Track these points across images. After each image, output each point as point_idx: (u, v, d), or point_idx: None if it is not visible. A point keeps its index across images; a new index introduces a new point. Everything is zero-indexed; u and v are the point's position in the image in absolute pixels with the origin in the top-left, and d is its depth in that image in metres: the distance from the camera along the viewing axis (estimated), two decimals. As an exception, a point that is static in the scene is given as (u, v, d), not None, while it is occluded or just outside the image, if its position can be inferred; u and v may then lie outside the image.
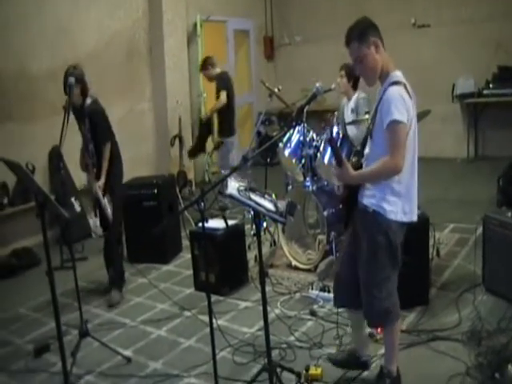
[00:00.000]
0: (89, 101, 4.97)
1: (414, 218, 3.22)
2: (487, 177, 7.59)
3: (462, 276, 5.01)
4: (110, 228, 5.20)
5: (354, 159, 3.33)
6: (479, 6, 9.67)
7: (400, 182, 3.08)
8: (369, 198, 3.15)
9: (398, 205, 3.11)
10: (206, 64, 7.94)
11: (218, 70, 7.95)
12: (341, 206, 3.40)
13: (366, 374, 3.63)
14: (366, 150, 3.26)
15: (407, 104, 2.98)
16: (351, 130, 5.63)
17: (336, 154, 3.10)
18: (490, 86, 9.47)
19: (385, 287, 3.21)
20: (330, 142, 3.08)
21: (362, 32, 3.06)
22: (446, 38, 9.99)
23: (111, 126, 5.15)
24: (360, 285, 3.28)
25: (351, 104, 5.83)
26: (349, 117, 5.88)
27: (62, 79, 4.79)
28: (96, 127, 4.97)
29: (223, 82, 7.83)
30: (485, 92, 9.50)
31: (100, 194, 4.95)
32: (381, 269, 3.19)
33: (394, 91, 2.98)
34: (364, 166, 3.25)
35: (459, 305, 4.45)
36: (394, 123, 2.93)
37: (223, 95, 7.72)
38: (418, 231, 4.29)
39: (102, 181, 4.98)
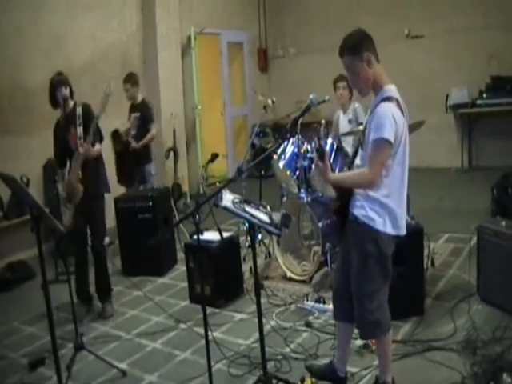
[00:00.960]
0: (78, 103, 4.99)
1: (402, 232, 3.23)
2: (481, 187, 7.60)
3: (456, 286, 5.02)
4: (95, 234, 5.14)
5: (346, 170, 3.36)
6: (472, 17, 9.73)
7: (389, 196, 3.11)
8: (359, 209, 3.17)
9: (387, 218, 3.12)
10: (135, 79, 7.21)
11: (140, 96, 7.28)
12: (333, 216, 3.41)
13: (361, 384, 3.64)
14: (357, 161, 3.28)
15: (398, 123, 2.98)
16: (347, 141, 5.65)
17: (320, 148, 3.12)
18: (484, 96, 9.49)
19: (376, 299, 3.22)
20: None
21: (355, 45, 3.06)
22: (440, 48, 10.05)
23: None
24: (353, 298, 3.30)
25: (349, 115, 5.82)
26: (345, 128, 5.88)
27: (49, 89, 4.89)
28: (90, 127, 4.82)
29: (151, 113, 7.23)
30: (478, 102, 9.51)
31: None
32: (372, 279, 3.20)
33: (386, 109, 2.99)
34: None
35: (454, 314, 4.45)
36: (381, 140, 2.95)
37: (155, 129, 7.21)
38: (412, 241, 4.31)
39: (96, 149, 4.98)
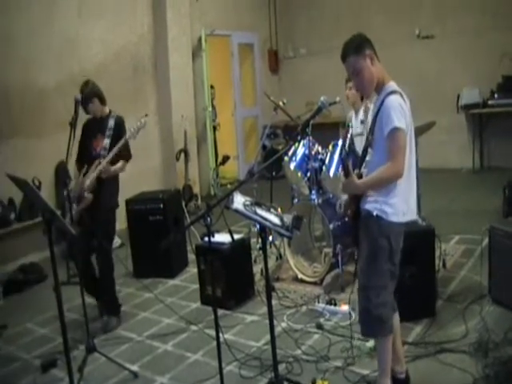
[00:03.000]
0: (113, 113, 5.00)
1: (414, 217, 3.34)
2: (493, 187, 7.57)
3: (468, 287, 4.99)
4: (100, 242, 4.85)
5: (357, 170, 3.37)
6: (483, 17, 9.68)
7: (399, 183, 3.15)
8: (371, 203, 3.21)
9: (398, 206, 3.17)
10: None
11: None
12: (351, 221, 3.42)
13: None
14: (367, 159, 3.32)
15: (405, 112, 3.10)
16: (359, 141, 5.62)
17: (345, 165, 3.18)
18: (495, 96, 9.44)
19: (382, 294, 3.23)
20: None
21: (357, 46, 3.16)
22: (451, 48, 10.02)
23: None
24: (358, 290, 3.34)
25: (360, 115, 5.81)
26: (358, 129, 5.87)
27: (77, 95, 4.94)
28: (117, 144, 4.81)
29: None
30: (490, 102, 9.47)
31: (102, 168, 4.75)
32: (380, 274, 3.23)
33: (393, 100, 3.09)
34: (365, 173, 3.33)
35: (466, 316, 4.43)
36: (395, 130, 3.03)
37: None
38: (423, 242, 4.32)
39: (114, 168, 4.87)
